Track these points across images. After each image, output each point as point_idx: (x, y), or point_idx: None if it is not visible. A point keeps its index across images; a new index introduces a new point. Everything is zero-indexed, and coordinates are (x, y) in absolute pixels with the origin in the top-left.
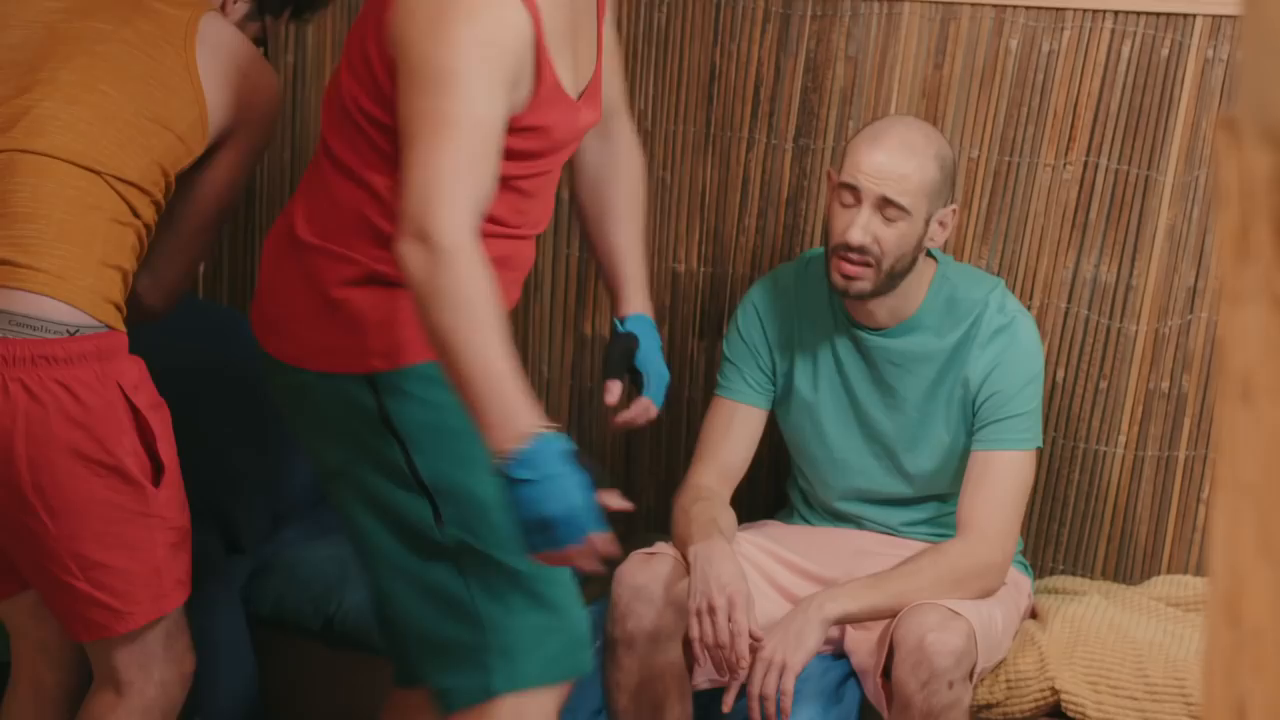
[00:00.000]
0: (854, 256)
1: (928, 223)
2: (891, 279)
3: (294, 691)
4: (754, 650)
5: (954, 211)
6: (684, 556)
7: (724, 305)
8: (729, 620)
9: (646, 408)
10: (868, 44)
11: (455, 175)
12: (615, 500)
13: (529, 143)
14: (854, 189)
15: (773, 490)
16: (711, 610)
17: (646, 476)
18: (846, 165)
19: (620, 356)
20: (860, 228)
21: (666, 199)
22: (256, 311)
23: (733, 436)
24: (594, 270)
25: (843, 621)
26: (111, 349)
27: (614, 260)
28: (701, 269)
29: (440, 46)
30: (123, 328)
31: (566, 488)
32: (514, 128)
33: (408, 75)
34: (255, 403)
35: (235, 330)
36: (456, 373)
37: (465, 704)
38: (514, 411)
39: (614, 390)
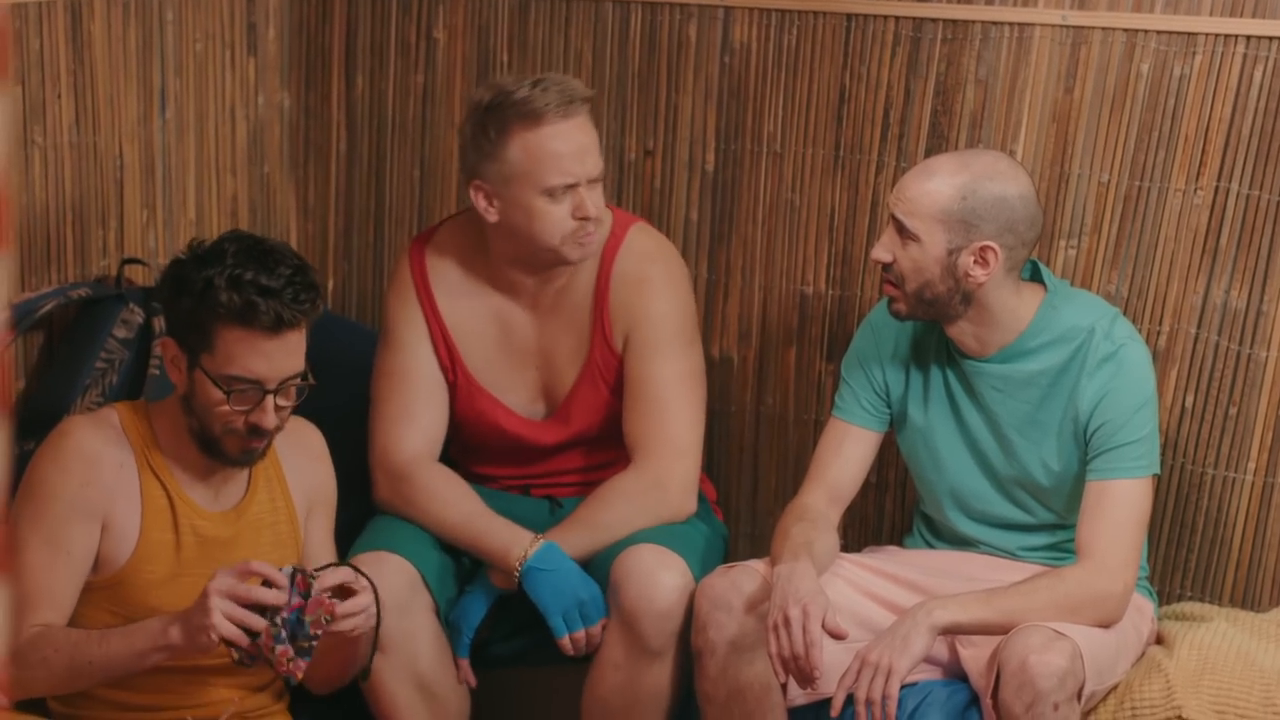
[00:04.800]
0: (886, 275)
1: (952, 254)
2: (927, 305)
3: None
4: (859, 656)
5: (992, 250)
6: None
7: (851, 327)
8: (803, 631)
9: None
10: (998, 67)
11: None
12: None
13: None
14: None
15: (899, 514)
16: (787, 623)
17: (773, 499)
18: None
19: None
20: (879, 245)
21: (795, 221)
22: None
23: (843, 457)
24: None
25: (951, 631)
26: None
27: None
28: (830, 291)
29: None
30: None
31: None
32: None
33: None
34: None
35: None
36: None
37: None
38: None
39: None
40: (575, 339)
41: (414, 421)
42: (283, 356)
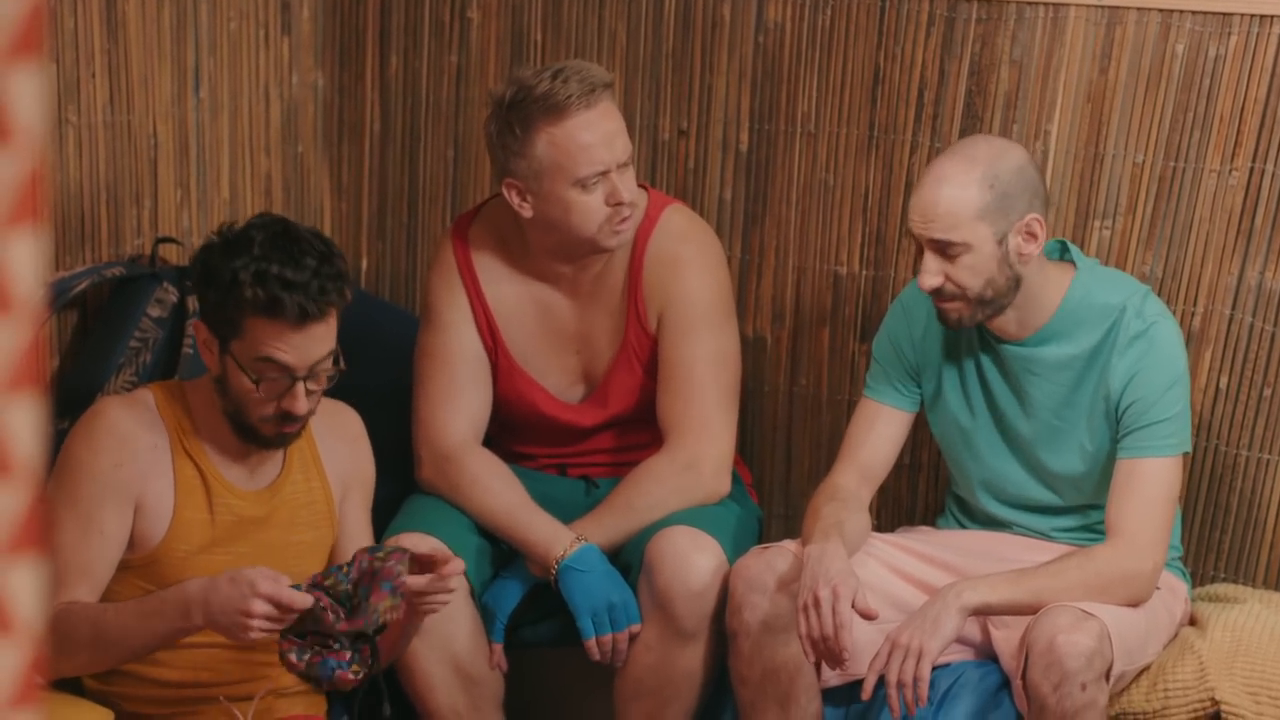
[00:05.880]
0: (938, 297)
1: (1002, 242)
2: (987, 304)
3: None
4: (889, 639)
5: (1036, 220)
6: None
7: (885, 308)
8: (833, 613)
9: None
10: (1032, 47)
11: None
12: None
13: None
14: (915, 236)
15: (932, 495)
16: (816, 603)
17: (806, 480)
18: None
19: None
20: (927, 274)
21: (829, 201)
22: None
23: (875, 438)
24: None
25: (981, 613)
26: None
27: None
28: (863, 271)
29: None
30: None
31: None
32: None
33: None
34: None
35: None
36: None
37: None
38: None
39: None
40: (612, 322)
41: (458, 403)
42: (310, 345)
